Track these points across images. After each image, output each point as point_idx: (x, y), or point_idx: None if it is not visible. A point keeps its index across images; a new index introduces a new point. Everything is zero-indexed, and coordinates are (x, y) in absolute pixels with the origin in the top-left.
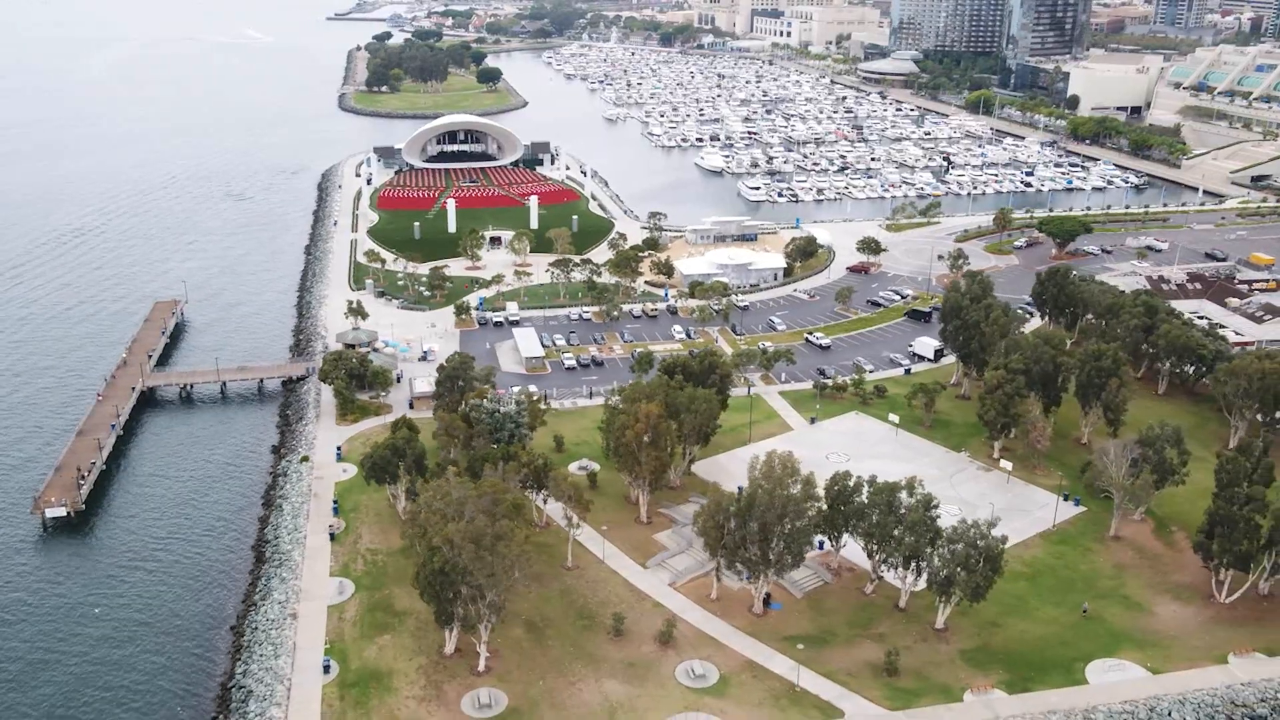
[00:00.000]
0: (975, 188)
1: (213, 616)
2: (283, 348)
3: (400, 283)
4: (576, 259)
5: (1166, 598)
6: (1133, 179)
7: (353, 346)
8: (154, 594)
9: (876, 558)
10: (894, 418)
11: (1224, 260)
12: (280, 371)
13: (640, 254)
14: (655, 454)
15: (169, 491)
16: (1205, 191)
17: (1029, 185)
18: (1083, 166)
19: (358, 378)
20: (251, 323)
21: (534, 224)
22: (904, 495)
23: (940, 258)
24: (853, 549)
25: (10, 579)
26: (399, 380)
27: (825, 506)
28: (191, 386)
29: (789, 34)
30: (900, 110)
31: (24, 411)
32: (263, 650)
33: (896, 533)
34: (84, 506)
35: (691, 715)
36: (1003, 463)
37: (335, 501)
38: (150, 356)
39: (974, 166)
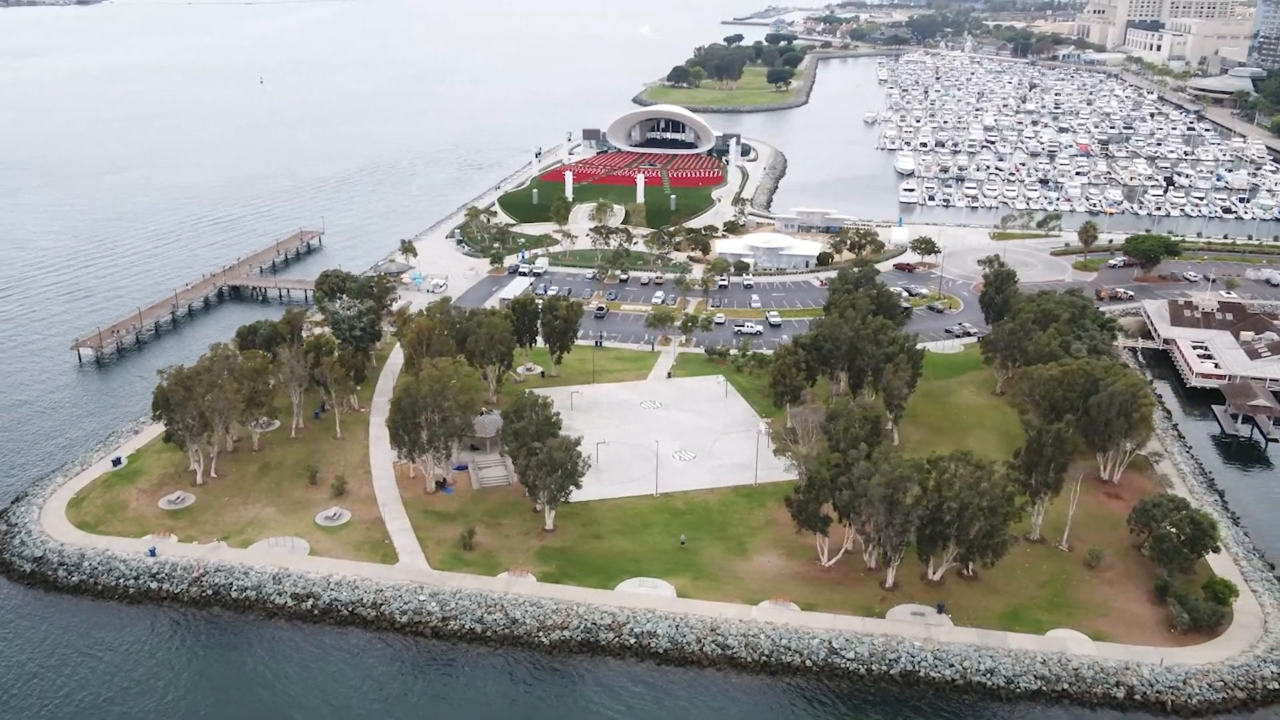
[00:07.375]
0: (1158, 208)
1: (109, 429)
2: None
3: (479, 236)
4: (611, 227)
5: (777, 552)
6: None
7: (385, 275)
8: (99, 407)
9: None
10: (720, 378)
11: None
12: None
13: (710, 233)
14: (431, 360)
15: (170, 353)
16: None
17: (1230, 211)
18: None
19: (342, 292)
20: (360, 252)
21: (640, 199)
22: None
23: (979, 263)
24: None
25: (51, 387)
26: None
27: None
28: (265, 290)
29: (1159, 47)
30: (1193, 129)
31: (128, 288)
32: (93, 447)
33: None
34: (104, 352)
35: (285, 539)
36: (761, 426)
37: None
38: (249, 265)
39: (1190, 189)
